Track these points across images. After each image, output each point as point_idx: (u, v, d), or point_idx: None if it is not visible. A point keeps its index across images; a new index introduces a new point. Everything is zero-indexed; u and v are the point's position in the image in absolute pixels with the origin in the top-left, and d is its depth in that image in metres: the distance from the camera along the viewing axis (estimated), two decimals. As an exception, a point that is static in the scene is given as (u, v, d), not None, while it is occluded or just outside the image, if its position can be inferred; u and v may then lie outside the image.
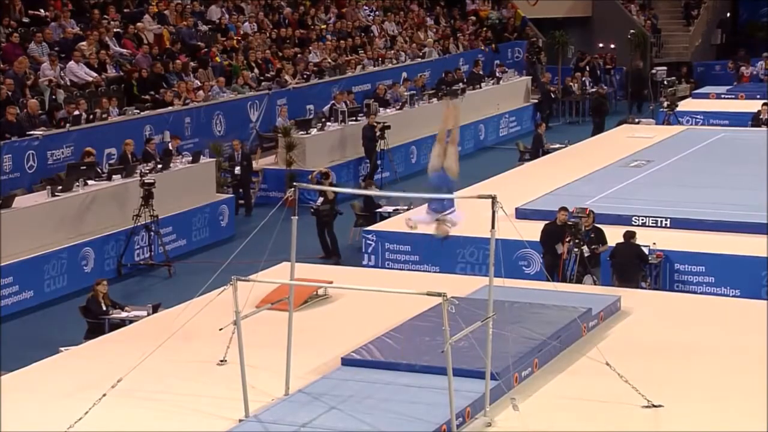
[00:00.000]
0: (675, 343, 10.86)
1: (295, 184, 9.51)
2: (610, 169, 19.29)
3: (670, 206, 15.94)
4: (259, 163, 21.10)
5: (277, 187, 20.04)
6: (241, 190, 19.82)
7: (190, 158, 18.30)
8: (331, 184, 17.25)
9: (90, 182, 16.31)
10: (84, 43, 20.10)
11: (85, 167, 16.45)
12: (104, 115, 18.36)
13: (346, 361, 9.94)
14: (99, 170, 16.91)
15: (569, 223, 13.92)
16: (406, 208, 17.42)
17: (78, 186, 16.08)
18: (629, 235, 13.79)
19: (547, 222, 14.30)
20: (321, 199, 16.82)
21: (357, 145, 22.04)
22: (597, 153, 20.93)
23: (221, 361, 10.03)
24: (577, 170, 18.83)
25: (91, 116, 18.08)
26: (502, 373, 9.25)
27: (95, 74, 19.64)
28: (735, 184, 17.71)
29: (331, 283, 12.04)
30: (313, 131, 21.49)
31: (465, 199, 9.48)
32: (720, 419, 9.02)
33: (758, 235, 14.54)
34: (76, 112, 17.84)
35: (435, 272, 14.63)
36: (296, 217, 9.34)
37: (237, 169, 19.72)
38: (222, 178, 19.46)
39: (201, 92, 21.02)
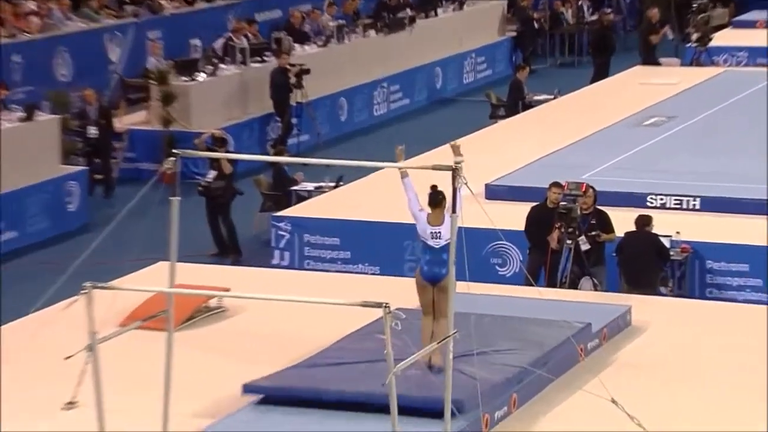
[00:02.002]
0: (705, 371, 11.04)
1: (175, 151, 9.52)
2: (617, 128, 19.51)
3: (700, 181, 16.17)
4: (123, 121, 21.01)
5: (150, 156, 20.01)
6: (97, 160, 19.73)
7: (22, 114, 18.16)
8: (227, 152, 17.25)
9: None
10: None
11: None
12: None
13: (250, 395, 10.00)
14: None
15: (561, 204, 14.07)
16: (332, 185, 17.47)
17: None
18: (643, 222, 13.97)
19: (534, 204, 14.42)
20: (213, 173, 16.81)
21: (264, 97, 22.05)
22: (599, 107, 21.15)
23: (69, 403, 10.00)
24: (571, 131, 19.00)
25: None
26: (467, 412, 9.35)
27: None
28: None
29: (227, 290, 12.06)
30: (201, 77, 21.45)
31: (418, 171, 9.54)
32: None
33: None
34: None
35: (374, 274, 14.71)
36: (178, 198, 9.34)
37: (91, 130, 19.62)
38: (69, 142, 19.34)
39: (36, 19, 20.82)
